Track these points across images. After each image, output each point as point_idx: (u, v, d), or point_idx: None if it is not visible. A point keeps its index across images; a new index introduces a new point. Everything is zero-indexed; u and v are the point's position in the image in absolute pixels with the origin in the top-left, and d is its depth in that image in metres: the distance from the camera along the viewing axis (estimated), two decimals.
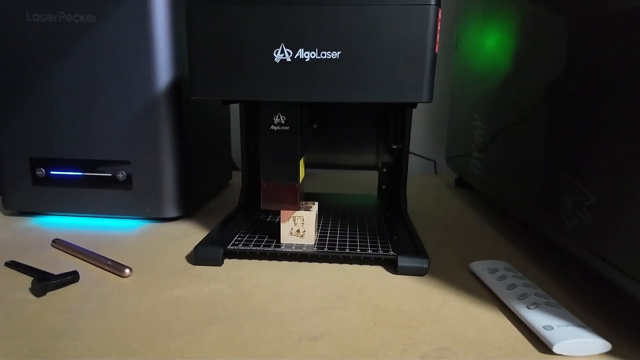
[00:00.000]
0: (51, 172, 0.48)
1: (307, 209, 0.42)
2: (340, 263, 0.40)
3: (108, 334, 0.28)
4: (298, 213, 0.41)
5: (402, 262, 0.38)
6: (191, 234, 0.47)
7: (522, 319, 0.30)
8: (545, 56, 0.39)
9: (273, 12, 0.32)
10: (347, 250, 0.39)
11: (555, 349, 0.27)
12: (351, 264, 0.40)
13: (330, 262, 0.40)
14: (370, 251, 0.39)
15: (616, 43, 0.30)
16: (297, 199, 0.40)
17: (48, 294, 0.33)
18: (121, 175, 0.46)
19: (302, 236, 0.41)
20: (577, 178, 0.33)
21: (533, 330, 0.29)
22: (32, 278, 0.35)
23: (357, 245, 0.40)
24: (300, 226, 0.41)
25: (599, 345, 0.27)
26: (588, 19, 0.33)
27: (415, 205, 0.56)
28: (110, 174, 0.47)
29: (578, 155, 0.34)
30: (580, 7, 0.34)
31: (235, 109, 0.81)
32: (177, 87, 0.46)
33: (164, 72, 0.44)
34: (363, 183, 0.68)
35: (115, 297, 0.33)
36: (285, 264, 0.40)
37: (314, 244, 0.41)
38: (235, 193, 0.66)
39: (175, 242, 0.45)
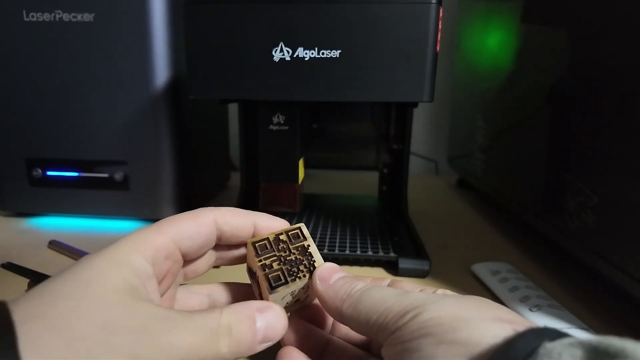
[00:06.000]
0: (48, 173, 0.47)
1: (310, 263, 0.24)
2: (341, 265, 0.40)
3: None
4: (300, 283, 0.23)
5: (403, 263, 0.37)
6: None
7: None
8: (549, 55, 0.39)
9: (272, 10, 0.32)
10: (348, 251, 0.39)
11: None
12: (351, 265, 0.40)
13: None
14: (370, 252, 0.39)
15: (620, 42, 0.29)
16: (296, 200, 0.40)
17: None
18: (118, 176, 0.46)
19: (303, 300, 0.25)
20: (580, 179, 0.33)
21: None
22: (28, 280, 0.34)
23: (357, 247, 0.40)
24: (302, 293, 0.24)
25: None
26: (592, 18, 0.32)
27: (416, 206, 0.55)
28: (107, 175, 0.46)
29: (581, 156, 0.33)
30: (583, 5, 0.33)
31: (233, 109, 0.81)
32: (175, 86, 0.46)
33: (161, 71, 0.44)
34: (363, 184, 0.68)
35: None
36: None
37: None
38: (233, 193, 0.65)
39: None
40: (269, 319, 0.21)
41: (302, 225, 0.25)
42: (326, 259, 0.40)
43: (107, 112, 0.45)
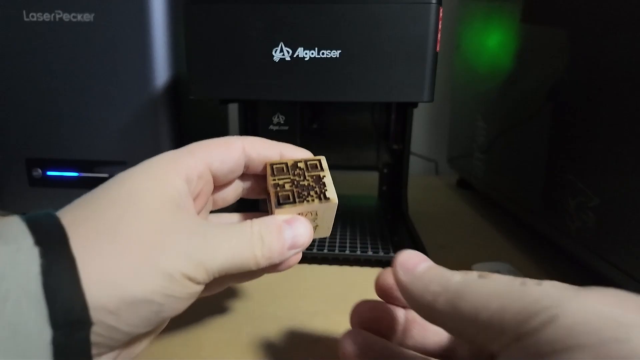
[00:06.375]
0: (48, 173, 0.47)
1: (321, 191, 0.24)
2: (341, 265, 0.40)
3: None
4: (307, 206, 0.23)
5: None
6: None
7: None
8: (549, 55, 0.39)
9: (272, 10, 0.32)
10: (348, 251, 0.39)
11: None
12: (351, 265, 0.40)
13: (331, 264, 0.40)
14: (370, 253, 0.39)
15: (621, 42, 0.29)
16: None
17: None
18: None
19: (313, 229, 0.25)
20: (580, 179, 0.33)
21: None
22: None
23: (357, 247, 0.40)
24: (311, 220, 0.25)
25: None
26: (592, 18, 0.32)
27: (417, 206, 0.55)
28: (107, 175, 0.46)
29: (582, 156, 0.33)
30: (584, 5, 0.33)
31: (233, 109, 0.81)
32: (175, 86, 0.46)
33: (161, 71, 0.44)
34: (363, 184, 0.68)
35: None
36: None
37: (328, 236, 0.28)
38: None
39: None
40: (295, 228, 0.22)
41: (323, 158, 0.25)
42: (326, 258, 0.40)
43: (107, 112, 0.45)
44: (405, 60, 0.32)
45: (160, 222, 0.18)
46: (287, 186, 0.23)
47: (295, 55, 0.32)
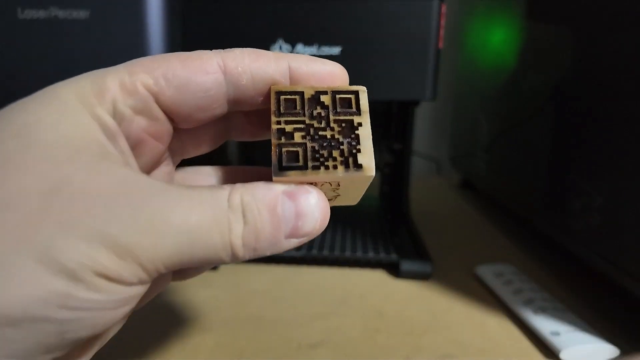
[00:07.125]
0: None
1: (351, 152, 0.14)
2: (341, 267, 0.39)
3: None
4: (325, 175, 0.14)
5: (405, 265, 0.37)
6: None
7: (528, 325, 0.29)
8: (553, 54, 0.38)
9: (271, 6, 0.31)
10: (348, 253, 0.38)
11: (562, 356, 0.26)
12: (352, 267, 0.39)
13: (330, 266, 0.39)
14: (371, 254, 0.38)
15: (626, 40, 0.29)
16: None
17: None
18: None
19: (331, 199, 0.18)
20: (584, 179, 0.32)
21: (540, 336, 0.28)
22: None
23: (358, 248, 0.39)
24: (329, 190, 0.16)
25: (606, 351, 0.26)
26: (597, 16, 0.32)
27: (418, 207, 0.55)
28: None
29: (586, 156, 0.33)
30: (589, 2, 0.33)
31: None
32: None
33: None
34: None
35: None
36: (283, 268, 0.39)
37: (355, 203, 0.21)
38: None
39: None
40: (301, 204, 0.14)
41: (363, 90, 0.16)
42: (326, 260, 0.40)
43: None
44: (407, 58, 0.31)
45: (64, 177, 0.11)
46: (297, 136, 0.14)
47: (294, 52, 0.32)
